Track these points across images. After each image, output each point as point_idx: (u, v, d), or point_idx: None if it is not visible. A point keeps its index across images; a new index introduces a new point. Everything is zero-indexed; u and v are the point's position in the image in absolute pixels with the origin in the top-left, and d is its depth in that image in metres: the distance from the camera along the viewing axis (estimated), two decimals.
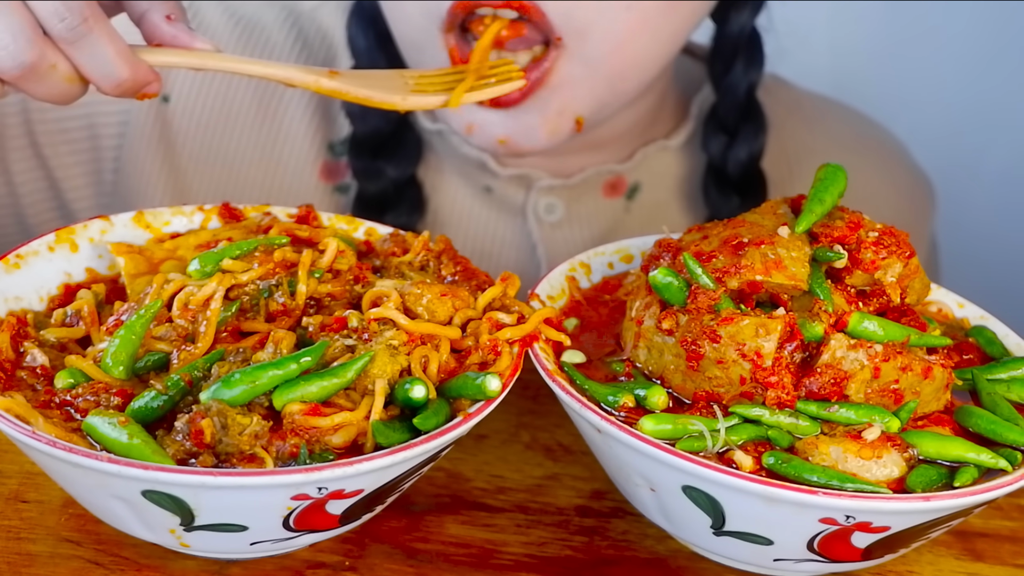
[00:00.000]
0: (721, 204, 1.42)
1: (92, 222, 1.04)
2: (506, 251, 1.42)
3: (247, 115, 1.43)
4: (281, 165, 1.43)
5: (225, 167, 1.43)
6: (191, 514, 0.83)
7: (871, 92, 1.95)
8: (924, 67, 2.26)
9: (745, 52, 1.40)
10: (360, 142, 1.39)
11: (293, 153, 1.43)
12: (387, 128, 1.37)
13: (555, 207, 1.41)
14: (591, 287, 1.07)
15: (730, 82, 1.40)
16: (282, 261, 0.98)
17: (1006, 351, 1.03)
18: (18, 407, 0.85)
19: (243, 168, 1.43)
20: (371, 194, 1.39)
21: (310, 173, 1.43)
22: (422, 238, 1.04)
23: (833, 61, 2.13)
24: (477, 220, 1.42)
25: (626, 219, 1.44)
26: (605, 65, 1.24)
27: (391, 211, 1.38)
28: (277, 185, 1.42)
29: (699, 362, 0.90)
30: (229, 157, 1.43)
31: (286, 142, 1.43)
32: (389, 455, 0.83)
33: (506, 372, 0.92)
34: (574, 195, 1.42)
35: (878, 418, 0.89)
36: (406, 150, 1.39)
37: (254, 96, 1.43)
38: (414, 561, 0.94)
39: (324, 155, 1.43)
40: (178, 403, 0.87)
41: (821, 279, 0.94)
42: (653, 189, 1.44)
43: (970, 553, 1.00)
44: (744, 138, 1.40)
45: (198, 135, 1.42)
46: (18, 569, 0.90)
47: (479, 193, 1.42)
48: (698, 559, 0.97)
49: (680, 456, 0.85)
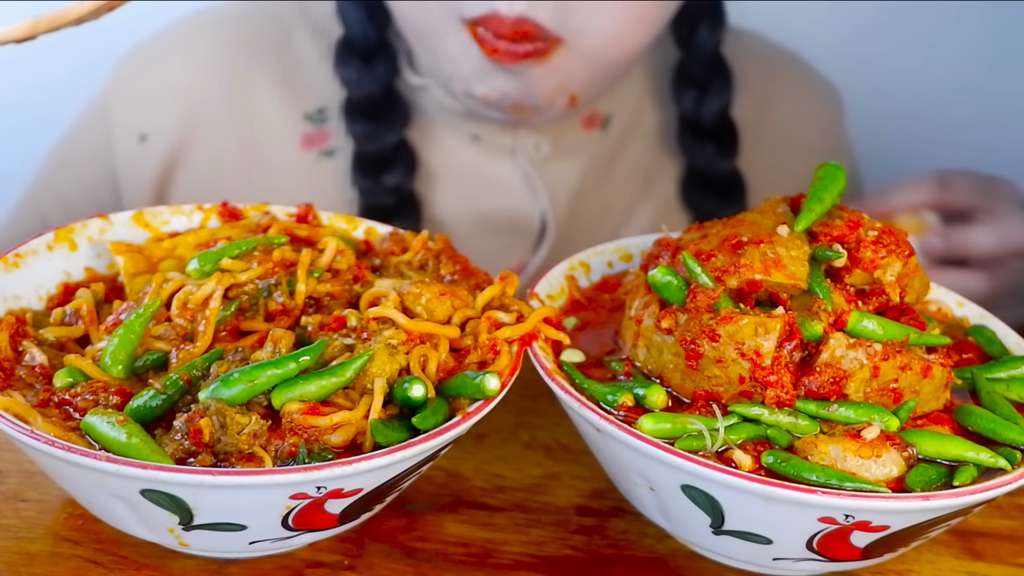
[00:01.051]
0: (698, 152, 1.53)
1: (91, 221, 1.04)
2: (501, 191, 1.50)
3: (216, 111, 1.50)
4: (263, 147, 1.50)
5: (209, 164, 1.50)
6: (190, 513, 0.83)
7: (871, 92, 1.95)
8: (924, 67, 2.26)
9: (708, 15, 1.51)
10: (356, 106, 1.46)
11: (270, 134, 1.50)
12: (379, 92, 1.46)
13: (541, 144, 1.50)
14: (590, 286, 1.07)
15: (697, 43, 1.51)
16: (281, 260, 0.98)
17: (1005, 350, 1.03)
18: (17, 406, 0.85)
19: (226, 160, 1.50)
20: (370, 154, 1.46)
21: (292, 146, 1.49)
22: (421, 237, 1.04)
23: (834, 60, 2.13)
24: (469, 166, 1.50)
25: (604, 148, 1.53)
26: (600, 56, 1.35)
27: (389, 171, 1.46)
28: (264, 167, 1.49)
29: (698, 361, 0.90)
30: (212, 154, 1.50)
31: (260, 125, 1.50)
32: (388, 454, 0.83)
33: (505, 371, 0.92)
34: (557, 132, 1.50)
35: (877, 417, 0.89)
36: (397, 112, 1.47)
37: (221, 93, 1.50)
38: (413, 560, 0.94)
39: (302, 125, 1.50)
40: (177, 402, 0.87)
41: (820, 278, 0.94)
42: (624, 117, 1.54)
43: (969, 552, 1.00)
44: (714, 91, 1.51)
45: (177, 144, 1.50)
46: (17, 568, 0.90)
47: (468, 142, 1.49)
48: (697, 558, 0.97)
49: (679, 455, 0.85)
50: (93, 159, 1.54)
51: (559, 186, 1.51)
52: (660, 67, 1.55)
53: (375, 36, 1.46)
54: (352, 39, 1.47)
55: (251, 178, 1.49)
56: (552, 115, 1.42)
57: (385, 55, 1.47)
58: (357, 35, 1.46)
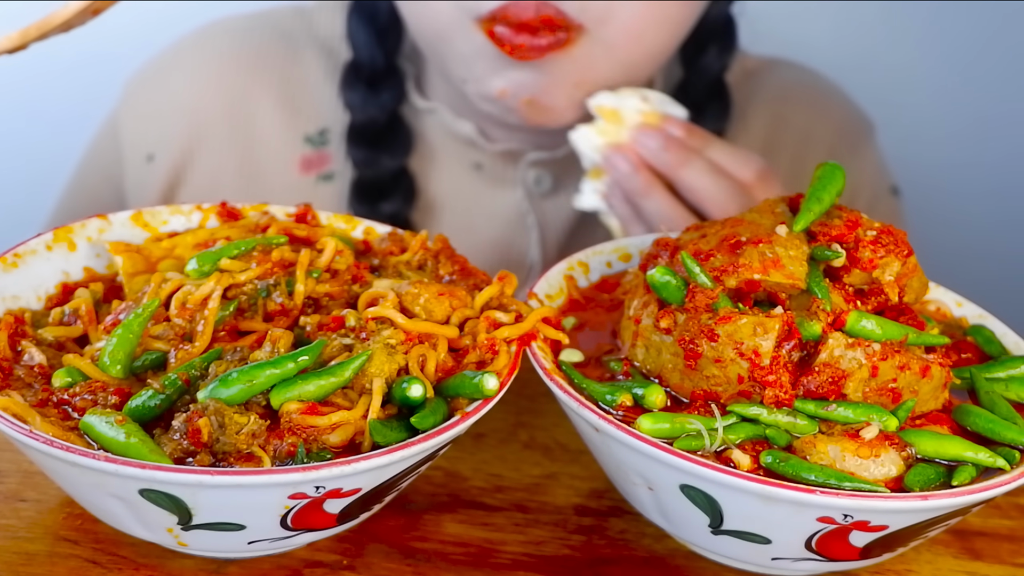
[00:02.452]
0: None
1: (90, 221, 1.04)
2: (496, 223, 1.49)
3: (218, 129, 1.49)
4: (261, 168, 1.49)
5: (209, 182, 1.49)
6: (188, 513, 0.83)
7: (871, 91, 1.95)
8: (924, 67, 2.26)
9: (720, 37, 1.48)
10: (358, 132, 1.45)
11: (269, 154, 1.49)
12: (382, 117, 1.45)
13: (543, 179, 1.48)
14: (589, 286, 1.07)
15: (703, 64, 1.48)
16: (280, 261, 0.98)
17: (1004, 350, 1.03)
18: (16, 406, 0.85)
19: (225, 180, 1.49)
20: (369, 181, 1.45)
21: (289, 169, 1.48)
22: (420, 237, 1.04)
23: (834, 61, 2.13)
24: (469, 196, 1.48)
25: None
26: (623, 52, 1.32)
27: (387, 198, 1.45)
28: (261, 188, 1.48)
29: (697, 361, 0.90)
30: (211, 172, 1.50)
31: (260, 145, 1.49)
32: (386, 454, 0.83)
33: (504, 371, 0.92)
34: (561, 167, 1.48)
35: (876, 417, 0.89)
36: (399, 140, 1.46)
37: (223, 111, 1.49)
38: (412, 560, 0.94)
39: (301, 148, 1.49)
40: (175, 402, 0.87)
41: (819, 278, 0.94)
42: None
43: (968, 552, 1.00)
44: (711, 116, 1.47)
45: (180, 162, 1.50)
46: (16, 568, 0.90)
47: (470, 171, 1.48)
48: (696, 558, 0.97)
49: (678, 455, 0.85)
50: (107, 181, 1.55)
51: (555, 224, 1.49)
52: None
53: (383, 61, 1.45)
54: (360, 63, 1.46)
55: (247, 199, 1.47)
56: (567, 119, 1.36)
57: (392, 82, 1.46)
58: (365, 59, 1.45)
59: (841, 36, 2.17)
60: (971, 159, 2.27)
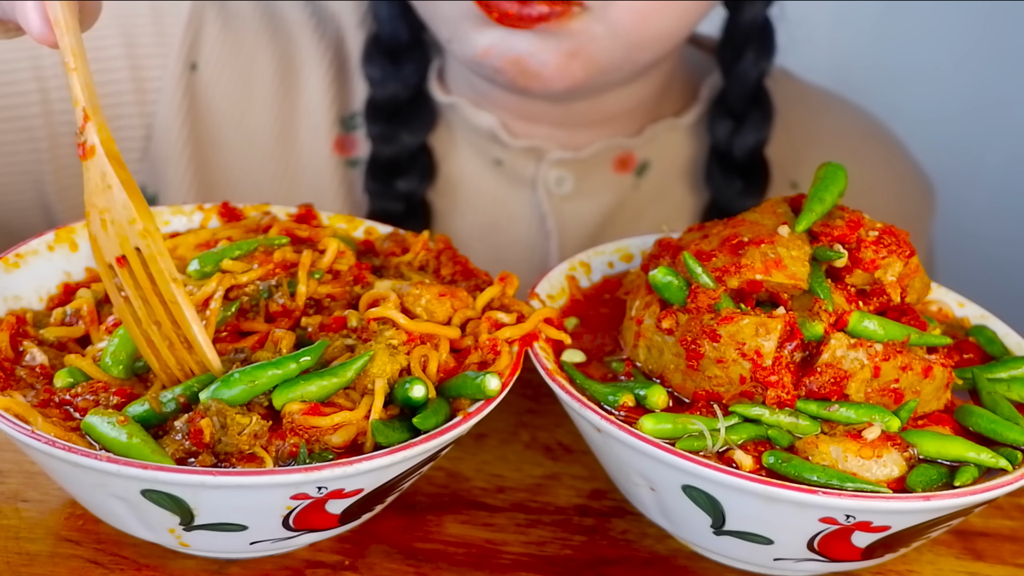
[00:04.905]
0: (724, 187, 1.44)
1: None
2: (516, 224, 1.44)
3: (268, 87, 1.44)
4: (299, 137, 1.44)
5: (246, 139, 1.44)
6: (190, 513, 0.83)
7: (871, 91, 1.95)
8: (924, 66, 2.26)
9: (757, 41, 1.42)
10: (378, 107, 1.41)
11: (310, 125, 1.45)
12: (404, 94, 1.41)
13: (565, 180, 1.43)
14: (591, 286, 1.07)
15: (740, 70, 1.42)
16: (282, 261, 0.98)
17: (1006, 350, 1.03)
18: (17, 406, 0.85)
19: (262, 140, 1.44)
20: (385, 158, 1.41)
21: (325, 145, 1.45)
22: (421, 238, 1.04)
23: (833, 60, 2.13)
24: (487, 192, 1.44)
25: (633, 196, 1.46)
26: (627, 32, 1.26)
27: (403, 176, 1.41)
28: (294, 158, 1.44)
29: (699, 361, 0.90)
30: (250, 130, 1.44)
31: (304, 114, 1.44)
32: (388, 455, 0.83)
33: (505, 371, 0.92)
34: (584, 169, 1.43)
35: (878, 417, 0.89)
36: (421, 117, 1.42)
37: (276, 68, 1.44)
38: (414, 560, 0.94)
39: (337, 128, 1.45)
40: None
41: (821, 278, 0.94)
42: (662, 168, 1.46)
43: (970, 552, 1.00)
44: (751, 124, 1.42)
45: (222, 105, 1.44)
46: (17, 568, 0.90)
47: (490, 166, 1.43)
48: (698, 558, 0.97)
49: (680, 455, 0.85)
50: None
51: (575, 227, 1.45)
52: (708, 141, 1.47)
53: (406, 35, 1.41)
54: (381, 36, 1.42)
55: (279, 166, 1.44)
56: (557, 87, 1.30)
57: (415, 57, 1.42)
58: (387, 33, 1.41)
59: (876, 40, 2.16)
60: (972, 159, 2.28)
